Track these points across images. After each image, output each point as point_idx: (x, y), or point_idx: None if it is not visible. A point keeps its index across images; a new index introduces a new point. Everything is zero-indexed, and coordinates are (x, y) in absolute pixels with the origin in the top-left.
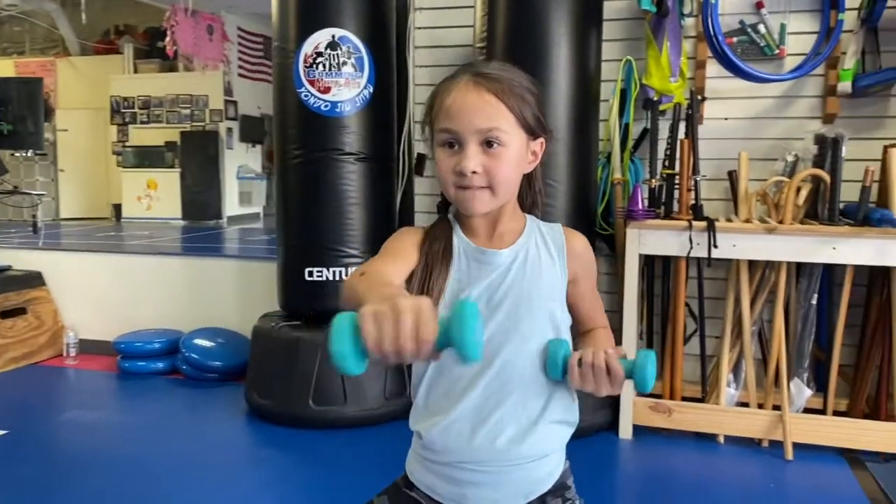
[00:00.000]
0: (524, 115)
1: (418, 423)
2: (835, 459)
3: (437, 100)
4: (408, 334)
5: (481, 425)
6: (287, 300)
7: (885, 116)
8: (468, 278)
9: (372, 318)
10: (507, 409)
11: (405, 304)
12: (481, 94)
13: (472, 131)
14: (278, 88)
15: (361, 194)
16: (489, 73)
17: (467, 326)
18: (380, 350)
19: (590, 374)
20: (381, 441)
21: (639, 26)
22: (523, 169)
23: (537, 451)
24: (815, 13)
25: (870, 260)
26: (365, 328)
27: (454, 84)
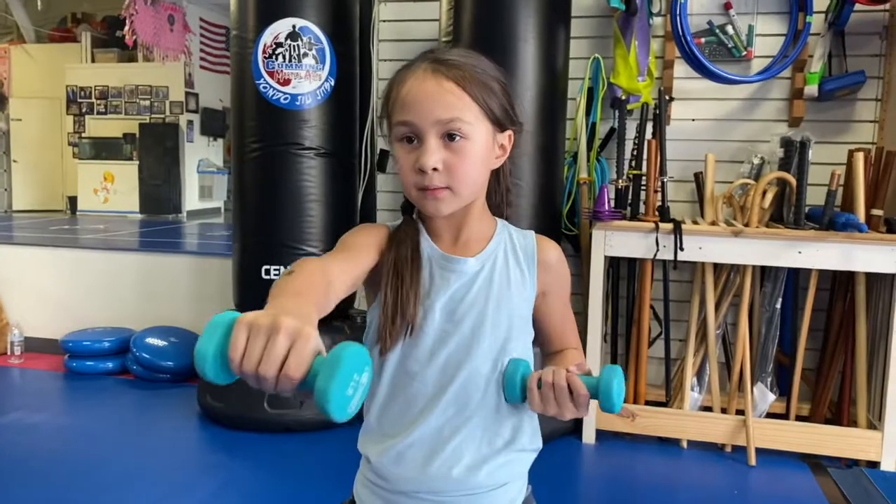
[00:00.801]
0: (489, 104)
1: (368, 447)
2: (797, 465)
3: (393, 90)
4: (274, 361)
5: (438, 452)
6: (243, 299)
7: (850, 121)
8: (431, 287)
9: (245, 328)
10: (466, 434)
11: (285, 325)
12: (440, 81)
13: (430, 123)
14: (236, 79)
15: (321, 190)
16: (449, 59)
17: (338, 378)
18: (238, 368)
19: (550, 395)
20: (339, 446)
21: (607, 24)
22: (490, 165)
23: (496, 479)
24: (784, 15)
25: (835, 265)
26: (233, 337)
27: (411, 72)
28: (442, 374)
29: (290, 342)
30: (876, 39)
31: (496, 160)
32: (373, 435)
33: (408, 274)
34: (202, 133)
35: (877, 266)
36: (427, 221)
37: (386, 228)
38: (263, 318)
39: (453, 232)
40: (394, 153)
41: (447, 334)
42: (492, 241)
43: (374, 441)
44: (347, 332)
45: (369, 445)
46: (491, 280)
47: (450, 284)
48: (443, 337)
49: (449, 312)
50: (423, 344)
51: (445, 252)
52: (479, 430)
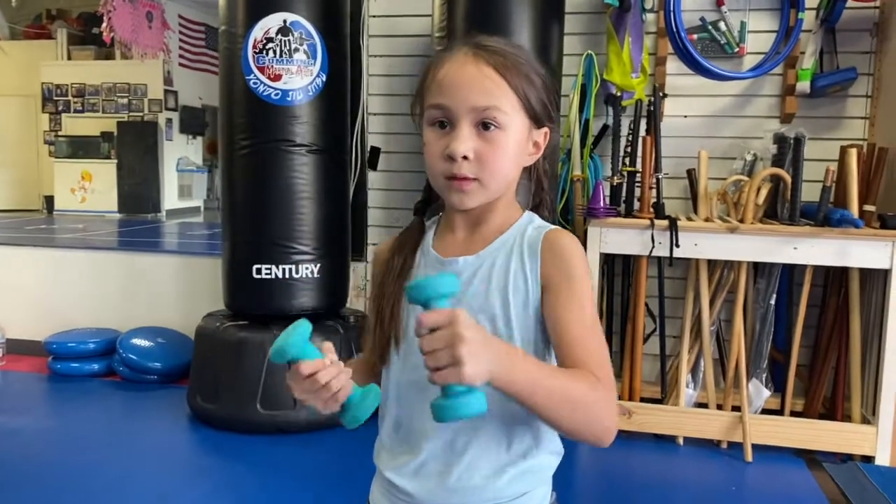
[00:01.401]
0: (528, 96)
1: (384, 462)
2: (793, 460)
3: (430, 72)
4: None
5: (453, 465)
6: (233, 299)
7: (841, 117)
8: None
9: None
10: (481, 445)
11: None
12: (480, 67)
13: (466, 109)
14: (225, 75)
15: (313, 188)
16: (491, 45)
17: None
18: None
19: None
20: (333, 447)
21: (600, 21)
22: (522, 161)
23: (517, 489)
24: (775, 12)
25: (830, 260)
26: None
27: (450, 55)
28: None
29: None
30: (866, 36)
31: (529, 157)
32: (386, 452)
33: (390, 282)
34: (181, 131)
35: (871, 262)
36: (446, 217)
37: (385, 251)
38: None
39: (470, 226)
40: (424, 138)
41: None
42: (501, 237)
43: (388, 457)
44: (340, 332)
45: (385, 461)
46: (489, 278)
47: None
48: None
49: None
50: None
51: (450, 252)
52: (493, 438)
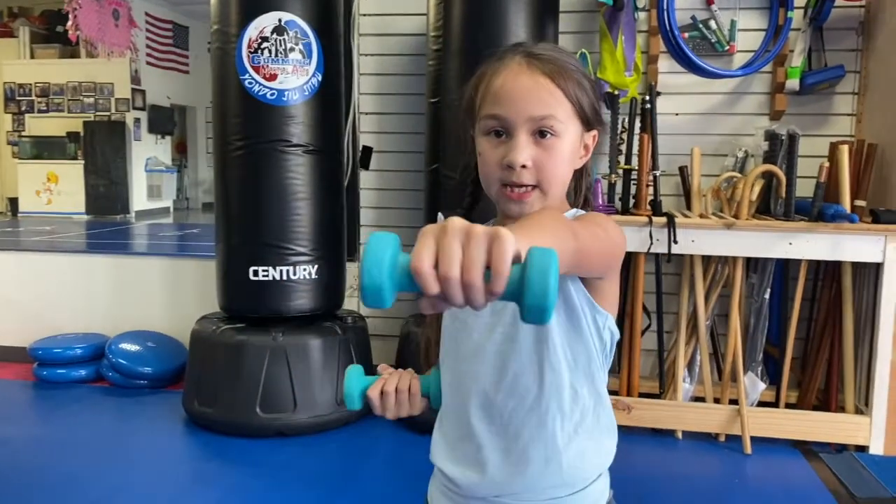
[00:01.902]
0: (581, 102)
1: (437, 458)
2: (790, 452)
3: (484, 82)
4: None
5: (508, 452)
6: (229, 301)
7: (829, 114)
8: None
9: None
10: (532, 428)
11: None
12: (535, 77)
13: (523, 119)
14: (218, 75)
15: (309, 189)
16: (543, 53)
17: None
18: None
19: (453, 272)
20: (335, 449)
21: (593, 19)
22: (575, 165)
23: (578, 475)
24: (764, 10)
25: (824, 255)
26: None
27: (503, 65)
28: (493, 367)
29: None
30: (853, 35)
31: (580, 160)
32: (439, 447)
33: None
34: (150, 131)
35: (864, 255)
36: (499, 221)
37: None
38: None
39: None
40: (477, 147)
41: (492, 327)
42: None
43: (441, 452)
44: (339, 333)
45: (438, 457)
46: None
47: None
48: (488, 332)
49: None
50: (470, 340)
51: None
52: (544, 420)
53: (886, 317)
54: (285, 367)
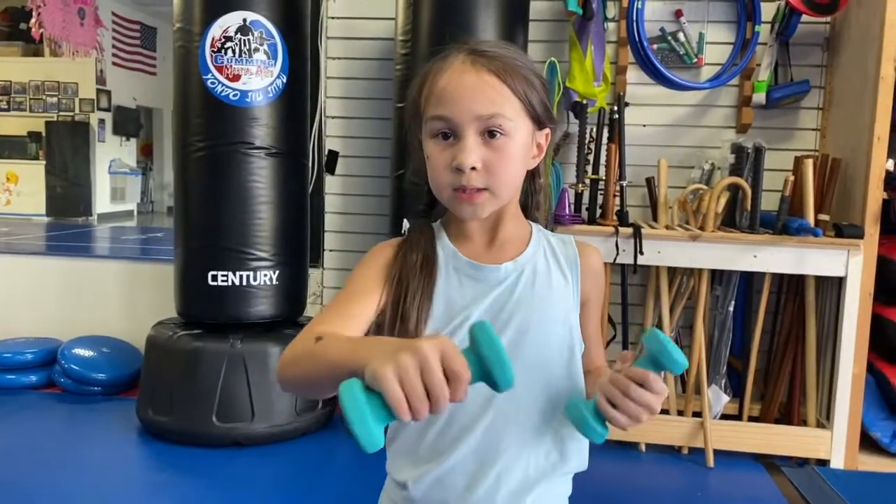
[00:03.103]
0: (530, 100)
1: (403, 472)
2: (752, 465)
3: (427, 82)
4: (440, 380)
5: (481, 477)
6: (186, 306)
7: (793, 128)
8: (462, 299)
9: (392, 375)
10: (512, 455)
11: (425, 346)
12: (480, 74)
13: (470, 119)
14: (180, 74)
15: (272, 192)
16: (488, 50)
17: (500, 348)
18: (412, 412)
19: (631, 406)
20: (293, 459)
21: (563, 28)
22: (527, 164)
23: (552, 493)
24: (732, 24)
25: (788, 268)
26: (388, 391)
27: (447, 64)
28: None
29: (439, 353)
30: (818, 50)
31: (533, 160)
32: (408, 458)
33: (414, 282)
34: (115, 132)
35: (827, 269)
36: (455, 225)
37: (393, 246)
38: (398, 356)
39: (488, 234)
40: (426, 150)
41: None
42: (530, 245)
43: (409, 465)
44: None
45: (405, 470)
46: (533, 286)
47: (485, 294)
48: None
49: (490, 321)
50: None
51: (475, 259)
52: (525, 450)
53: (848, 331)
54: (243, 375)
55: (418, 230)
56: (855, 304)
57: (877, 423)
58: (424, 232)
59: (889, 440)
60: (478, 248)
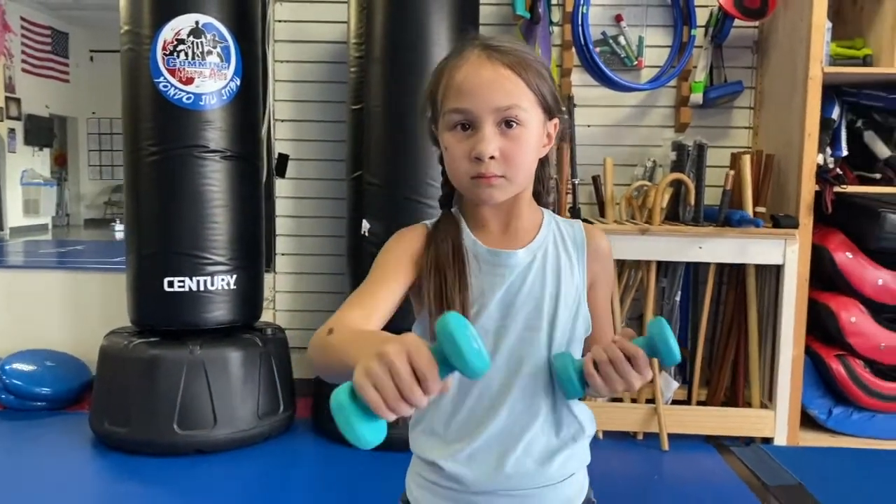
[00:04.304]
0: (542, 91)
1: (434, 452)
2: (704, 447)
3: (445, 77)
4: (408, 380)
5: (510, 450)
6: (141, 314)
7: (728, 127)
8: (482, 284)
9: (366, 382)
10: (537, 429)
11: (387, 349)
12: (497, 68)
13: (488, 110)
14: (129, 78)
15: (228, 196)
16: (501, 45)
17: (461, 341)
18: (388, 411)
19: (612, 371)
20: (257, 464)
21: (510, 32)
22: (540, 153)
23: (567, 469)
24: (670, 28)
25: (731, 258)
26: (365, 396)
27: (463, 58)
28: (507, 370)
29: (405, 355)
30: (748, 53)
31: (543, 148)
32: (438, 439)
33: (450, 271)
34: (26, 142)
35: (767, 258)
36: (471, 214)
37: (422, 230)
38: (368, 361)
39: (503, 221)
40: (442, 142)
41: (506, 329)
42: (541, 231)
43: (440, 445)
44: (259, 345)
45: (435, 450)
46: (544, 270)
47: (504, 279)
48: (502, 332)
49: (506, 306)
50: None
51: (492, 246)
52: (548, 422)
53: (787, 316)
54: (204, 382)
55: (444, 221)
56: (793, 290)
57: (814, 401)
58: (451, 221)
59: (825, 417)
60: (494, 236)
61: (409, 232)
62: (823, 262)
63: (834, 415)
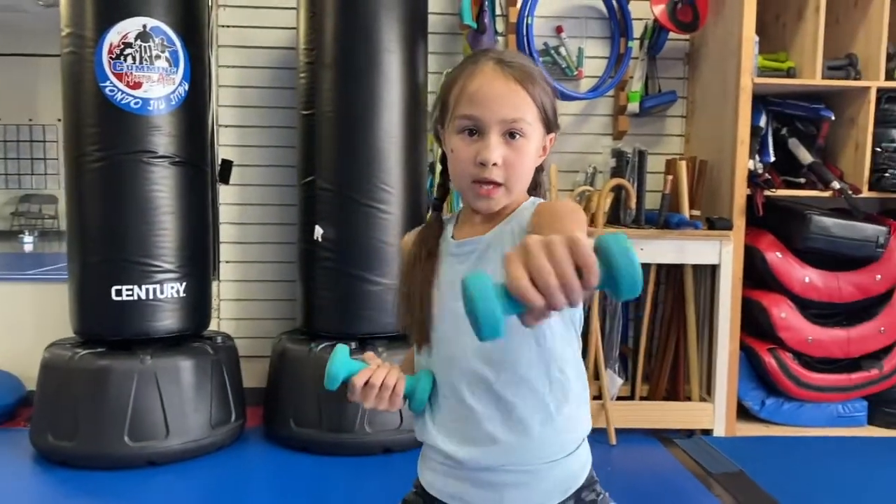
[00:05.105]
0: (545, 107)
1: (433, 439)
2: (649, 440)
3: (458, 83)
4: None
5: (507, 423)
6: (86, 324)
7: (663, 134)
8: (451, 273)
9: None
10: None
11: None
12: (508, 82)
13: (496, 120)
14: (71, 81)
15: (177, 202)
16: (514, 61)
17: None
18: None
19: (551, 278)
20: (211, 474)
21: (457, 41)
22: (536, 164)
23: (570, 438)
24: (608, 40)
25: (671, 259)
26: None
27: (479, 69)
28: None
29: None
30: (680, 64)
31: (539, 159)
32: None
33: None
34: None
35: (704, 258)
36: (466, 211)
37: (412, 237)
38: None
39: (489, 218)
40: (450, 144)
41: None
42: (514, 213)
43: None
44: (210, 353)
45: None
46: (501, 248)
47: (468, 262)
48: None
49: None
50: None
51: (469, 237)
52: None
53: (723, 313)
54: (156, 392)
55: (429, 224)
56: (728, 288)
57: (748, 392)
58: (433, 228)
59: (759, 407)
60: (475, 228)
61: (406, 239)
62: (755, 261)
63: (766, 405)
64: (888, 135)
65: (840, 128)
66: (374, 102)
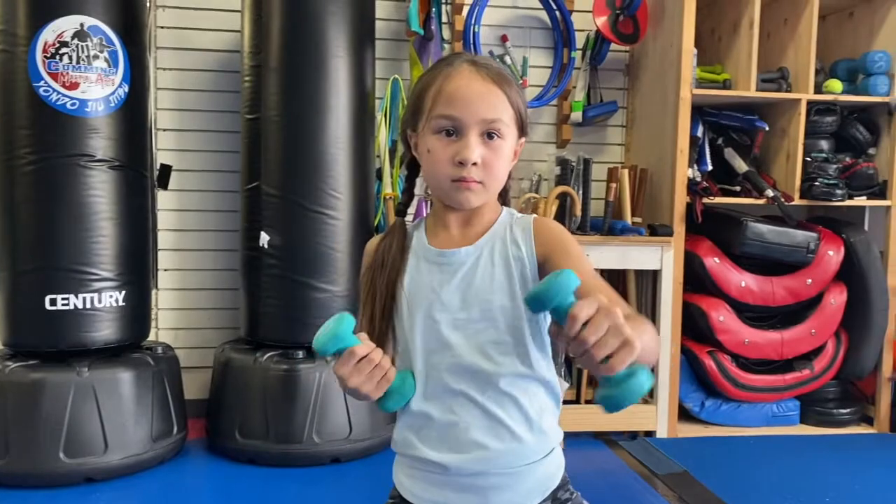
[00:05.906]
0: (520, 110)
1: (415, 449)
2: (594, 443)
3: (435, 84)
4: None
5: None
6: (18, 335)
7: (605, 143)
8: (431, 282)
9: (599, 306)
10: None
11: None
12: (486, 83)
13: (476, 120)
14: (2, 81)
15: (115, 208)
16: (488, 64)
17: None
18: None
19: (604, 325)
20: (153, 489)
21: (404, 47)
22: (509, 166)
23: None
24: (551, 50)
25: (615, 264)
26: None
27: (455, 70)
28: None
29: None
30: (620, 75)
31: (510, 162)
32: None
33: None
34: None
35: (646, 264)
36: (437, 217)
37: (374, 242)
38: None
39: (463, 224)
40: (426, 144)
41: (463, 321)
42: (493, 227)
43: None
44: (151, 364)
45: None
46: (492, 262)
47: (454, 275)
48: (458, 324)
49: (461, 300)
50: (442, 334)
51: (443, 247)
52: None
53: (665, 316)
54: (94, 405)
55: (393, 230)
56: (669, 293)
57: (689, 394)
58: (398, 231)
59: (699, 409)
60: (452, 237)
61: (369, 247)
62: (694, 266)
63: (706, 407)
64: (817, 145)
65: (773, 138)
66: (321, 107)
